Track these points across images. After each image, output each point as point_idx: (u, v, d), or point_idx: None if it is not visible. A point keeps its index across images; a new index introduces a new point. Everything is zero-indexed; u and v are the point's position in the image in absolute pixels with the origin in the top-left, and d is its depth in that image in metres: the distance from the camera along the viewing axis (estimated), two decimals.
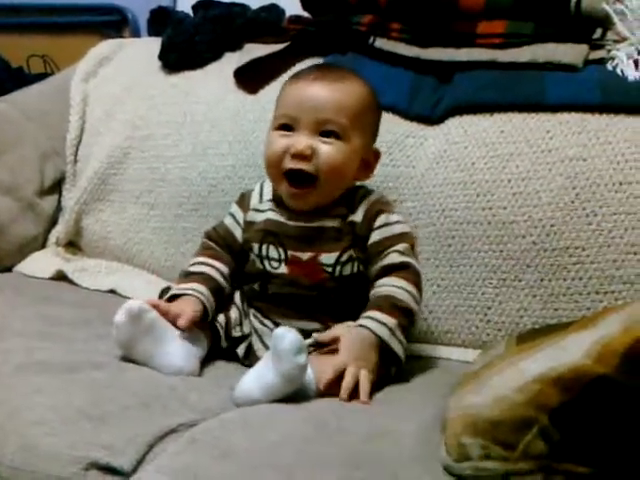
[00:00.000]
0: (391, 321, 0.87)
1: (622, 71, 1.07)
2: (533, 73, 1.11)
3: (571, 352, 0.64)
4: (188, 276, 0.98)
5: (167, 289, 0.99)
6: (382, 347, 0.87)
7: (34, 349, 0.86)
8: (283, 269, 0.95)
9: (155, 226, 1.27)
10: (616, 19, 1.12)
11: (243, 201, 1.03)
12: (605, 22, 1.13)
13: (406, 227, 0.97)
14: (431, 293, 1.07)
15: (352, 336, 0.87)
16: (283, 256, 0.95)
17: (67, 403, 0.73)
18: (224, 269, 1.00)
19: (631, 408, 0.59)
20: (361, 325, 0.88)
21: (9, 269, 1.28)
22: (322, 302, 0.94)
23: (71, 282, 1.22)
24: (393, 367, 0.90)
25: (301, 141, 0.91)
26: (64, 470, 0.66)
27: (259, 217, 0.99)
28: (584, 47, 1.12)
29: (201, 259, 1.00)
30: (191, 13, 1.44)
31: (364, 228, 0.94)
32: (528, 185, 1.05)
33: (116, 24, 1.79)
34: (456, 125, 1.12)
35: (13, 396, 0.75)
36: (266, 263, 0.97)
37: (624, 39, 1.11)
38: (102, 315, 0.99)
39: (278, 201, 0.98)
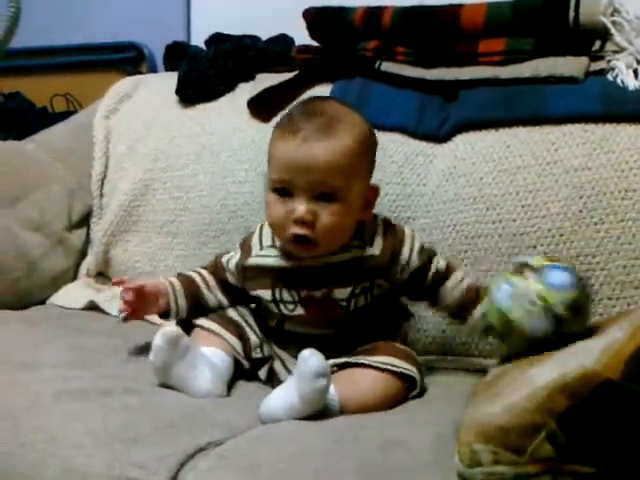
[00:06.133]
0: None
1: (622, 81, 1.09)
2: (535, 87, 1.14)
3: (580, 358, 0.66)
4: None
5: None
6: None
7: (69, 377, 0.90)
8: (299, 310, 0.95)
9: (179, 254, 1.31)
10: (614, 30, 1.15)
11: (244, 247, 1.03)
12: (603, 34, 1.16)
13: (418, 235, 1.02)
14: None
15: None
16: (297, 298, 0.95)
17: (102, 427, 0.77)
18: (212, 282, 1.05)
19: (635, 411, 0.62)
20: None
21: (43, 302, 1.32)
22: (337, 340, 0.95)
23: (102, 311, 1.26)
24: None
25: (301, 208, 0.90)
26: None
27: (264, 262, 0.98)
28: (584, 59, 1.14)
29: (197, 269, 1.08)
30: (204, 47, 1.49)
31: (387, 258, 0.95)
32: (536, 197, 1.07)
33: (133, 60, 1.83)
34: (463, 142, 1.15)
35: (52, 422, 0.79)
36: (282, 307, 0.96)
37: (623, 49, 1.14)
38: (130, 342, 1.03)
39: (281, 248, 0.97)
